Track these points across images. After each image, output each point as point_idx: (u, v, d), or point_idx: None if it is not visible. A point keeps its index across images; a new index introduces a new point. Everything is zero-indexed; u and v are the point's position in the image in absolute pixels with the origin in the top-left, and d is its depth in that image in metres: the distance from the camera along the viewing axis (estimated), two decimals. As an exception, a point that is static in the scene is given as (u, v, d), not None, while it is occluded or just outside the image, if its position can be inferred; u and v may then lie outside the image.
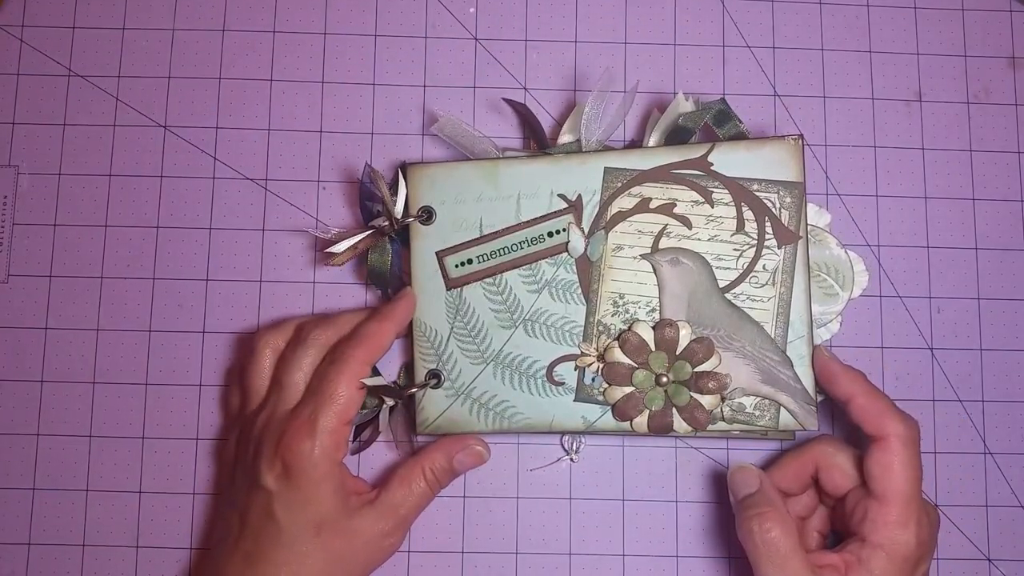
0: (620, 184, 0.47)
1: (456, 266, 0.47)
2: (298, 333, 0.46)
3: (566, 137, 0.48)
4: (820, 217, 0.49)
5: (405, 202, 0.47)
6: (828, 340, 0.48)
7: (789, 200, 0.46)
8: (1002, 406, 0.50)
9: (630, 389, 0.46)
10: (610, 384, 0.46)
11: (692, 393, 0.46)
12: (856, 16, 0.52)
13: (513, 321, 0.47)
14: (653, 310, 0.46)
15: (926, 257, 0.51)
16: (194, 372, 0.49)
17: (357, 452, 0.49)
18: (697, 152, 0.46)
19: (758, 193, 0.46)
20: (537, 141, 0.49)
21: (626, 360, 0.46)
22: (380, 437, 0.48)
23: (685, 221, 0.47)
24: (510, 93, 0.51)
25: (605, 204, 0.47)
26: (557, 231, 0.47)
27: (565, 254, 0.47)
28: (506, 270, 0.47)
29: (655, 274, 0.46)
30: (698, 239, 0.46)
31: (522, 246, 0.47)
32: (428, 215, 0.47)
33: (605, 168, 0.47)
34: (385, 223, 0.46)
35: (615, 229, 0.47)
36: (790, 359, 0.46)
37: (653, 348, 0.46)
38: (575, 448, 0.49)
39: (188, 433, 0.49)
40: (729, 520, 0.48)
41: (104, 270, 0.50)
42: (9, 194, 0.50)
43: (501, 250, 0.47)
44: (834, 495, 0.45)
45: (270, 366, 0.46)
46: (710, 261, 0.46)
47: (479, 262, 0.47)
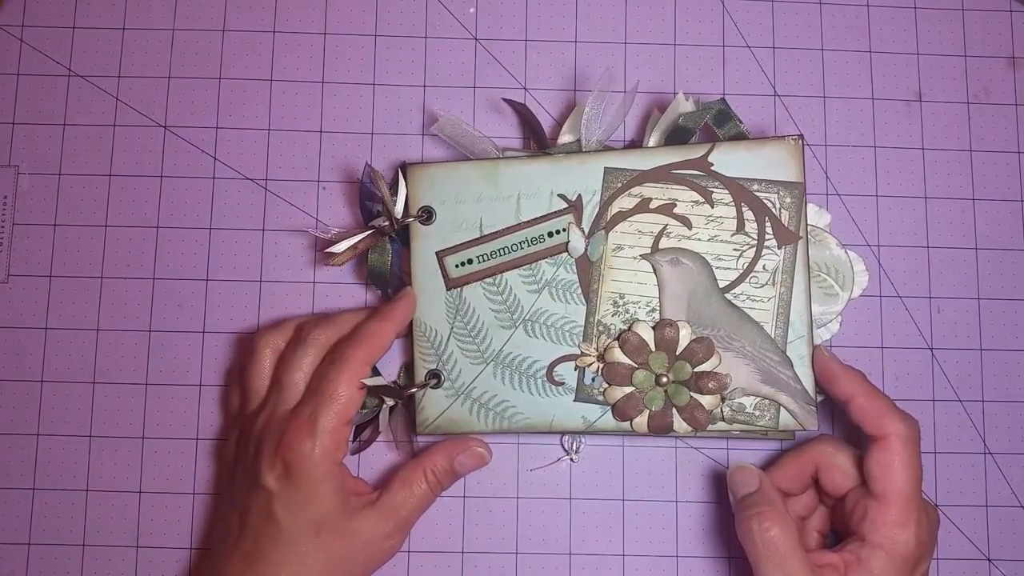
0: (620, 184, 0.47)
1: (456, 266, 0.47)
2: (298, 333, 0.46)
3: (566, 137, 0.48)
4: (820, 217, 0.49)
5: (405, 202, 0.47)
6: (828, 340, 0.48)
7: (789, 200, 0.46)
8: (1002, 406, 0.50)
9: (630, 389, 0.46)
10: (610, 384, 0.46)
11: (692, 393, 0.46)
12: (856, 16, 0.52)
13: (513, 321, 0.47)
14: (653, 310, 0.46)
15: (926, 257, 0.51)
16: (194, 372, 0.49)
17: (357, 452, 0.49)
18: (697, 152, 0.46)
19: (758, 193, 0.46)
20: (537, 141, 0.49)
21: (626, 360, 0.46)
22: (380, 437, 0.48)
23: (685, 221, 0.47)
24: (510, 93, 0.51)
25: (605, 204, 0.47)
26: (557, 231, 0.47)
27: (565, 254, 0.47)
28: (506, 270, 0.47)
29: (655, 274, 0.46)
30: (698, 239, 0.46)
31: (522, 246, 0.47)
32: (428, 215, 0.47)
33: (605, 168, 0.47)
34: (385, 223, 0.46)
35: (615, 229, 0.47)
36: (790, 359, 0.46)
37: (653, 348, 0.46)
38: (575, 448, 0.49)
39: (188, 433, 0.49)
40: (729, 520, 0.48)
41: (104, 270, 0.50)
42: (9, 194, 0.50)
43: (501, 250, 0.47)
44: (834, 495, 0.45)
45: (270, 366, 0.46)
46: (710, 261, 0.46)
47: (479, 262, 0.47)
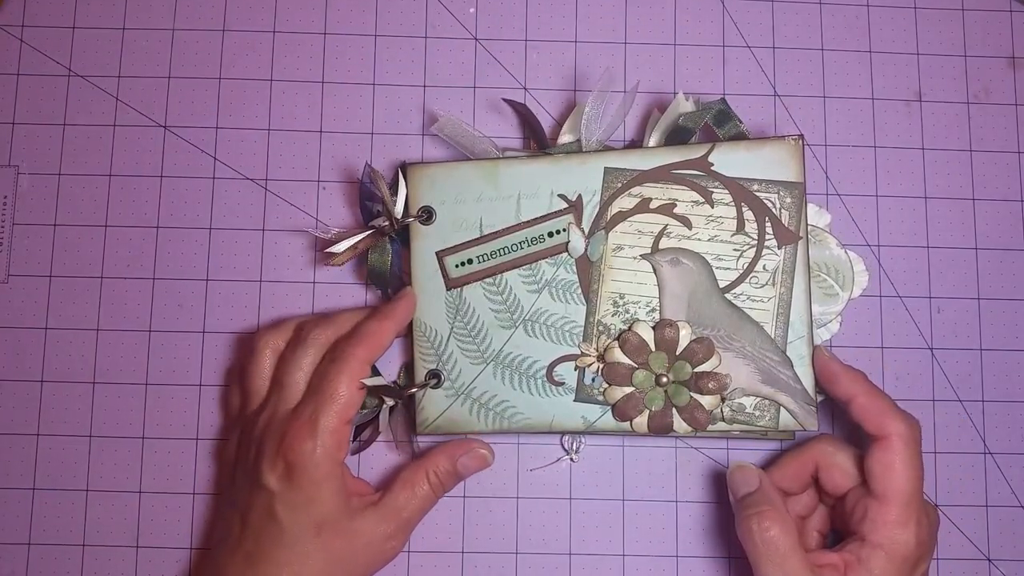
0: (620, 184, 0.47)
1: (456, 266, 0.47)
2: (298, 333, 0.46)
3: (566, 137, 0.48)
4: (820, 217, 0.49)
5: (405, 202, 0.47)
6: (828, 340, 0.48)
7: (789, 200, 0.46)
8: (1002, 406, 0.50)
9: (630, 389, 0.46)
10: (610, 384, 0.46)
11: (692, 393, 0.46)
12: (856, 16, 0.52)
13: (513, 321, 0.47)
14: (653, 310, 0.46)
15: (926, 257, 0.51)
16: (194, 372, 0.49)
17: (357, 452, 0.49)
18: (697, 152, 0.46)
19: (758, 193, 0.46)
20: (537, 141, 0.49)
21: (626, 360, 0.46)
22: (380, 437, 0.48)
23: (685, 221, 0.47)
24: (510, 93, 0.51)
25: (605, 204, 0.47)
26: (557, 231, 0.47)
27: (565, 254, 0.47)
28: (506, 270, 0.47)
29: (655, 274, 0.46)
30: (698, 239, 0.46)
31: (522, 246, 0.47)
32: (428, 215, 0.47)
33: (605, 168, 0.47)
34: (385, 223, 0.46)
35: (615, 229, 0.47)
36: (790, 359, 0.46)
37: (653, 348, 0.46)
38: (575, 448, 0.49)
39: (188, 433, 0.49)
40: (729, 520, 0.48)
41: (104, 270, 0.50)
42: (9, 194, 0.50)
43: (501, 250, 0.47)
44: (834, 494, 0.45)
45: (270, 366, 0.46)
46: (710, 261, 0.46)
47: (479, 262, 0.47)
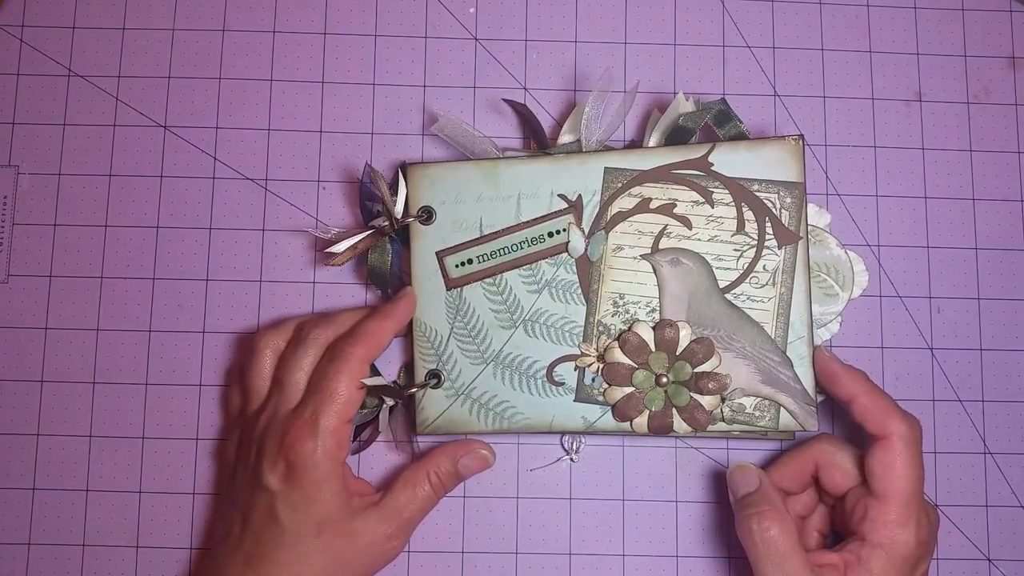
0: (620, 184, 0.47)
1: (456, 266, 0.47)
2: (298, 333, 0.46)
3: (566, 137, 0.48)
4: (820, 217, 0.49)
5: (405, 202, 0.47)
6: (828, 340, 0.48)
7: (789, 200, 0.46)
8: (1002, 406, 0.50)
9: (630, 389, 0.46)
10: (610, 384, 0.46)
11: (692, 393, 0.46)
12: (856, 16, 0.52)
13: (513, 321, 0.47)
14: (653, 310, 0.46)
15: (926, 257, 0.51)
16: (194, 372, 0.49)
17: (357, 452, 0.49)
18: (697, 152, 0.46)
19: (758, 193, 0.46)
20: (537, 141, 0.49)
21: (626, 360, 0.46)
22: (380, 437, 0.48)
23: (685, 221, 0.46)
24: (510, 93, 0.51)
25: (605, 204, 0.47)
26: (557, 231, 0.47)
27: (565, 254, 0.47)
28: (506, 270, 0.47)
29: (655, 274, 0.46)
30: (698, 239, 0.46)
31: (522, 246, 0.47)
32: (428, 215, 0.47)
33: (605, 168, 0.47)
34: (385, 223, 0.46)
35: (615, 229, 0.47)
36: (790, 359, 0.46)
37: (653, 348, 0.46)
38: (575, 448, 0.49)
39: (188, 433, 0.49)
40: (729, 520, 0.48)
41: (104, 270, 0.50)
42: (9, 194, 0.50)
43: (501, 250, 0.47)
44: (834, 494, 0.45)
45: (270, 366, 0.46)
46: (710, 261, 0.46)
47: (479, 262, 0.47)
